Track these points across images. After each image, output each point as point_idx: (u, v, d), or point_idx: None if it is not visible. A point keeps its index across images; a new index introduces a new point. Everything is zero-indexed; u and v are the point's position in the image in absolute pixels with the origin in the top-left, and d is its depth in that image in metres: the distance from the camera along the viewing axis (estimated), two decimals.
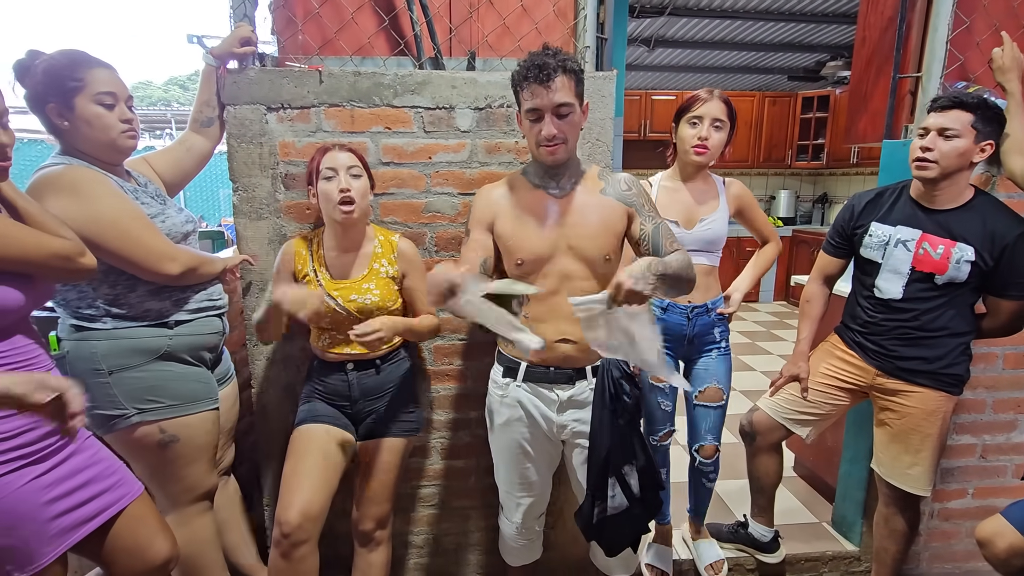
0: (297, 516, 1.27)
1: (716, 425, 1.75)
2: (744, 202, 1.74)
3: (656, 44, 5.15)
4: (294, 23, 1.54)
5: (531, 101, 1.16)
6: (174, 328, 1.29)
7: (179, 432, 1.29)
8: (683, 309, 1.68)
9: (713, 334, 1.71)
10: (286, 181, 1.51)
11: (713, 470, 1.82)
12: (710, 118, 1.58)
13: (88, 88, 1.16)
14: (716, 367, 1.72)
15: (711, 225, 1.65)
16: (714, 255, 1.70)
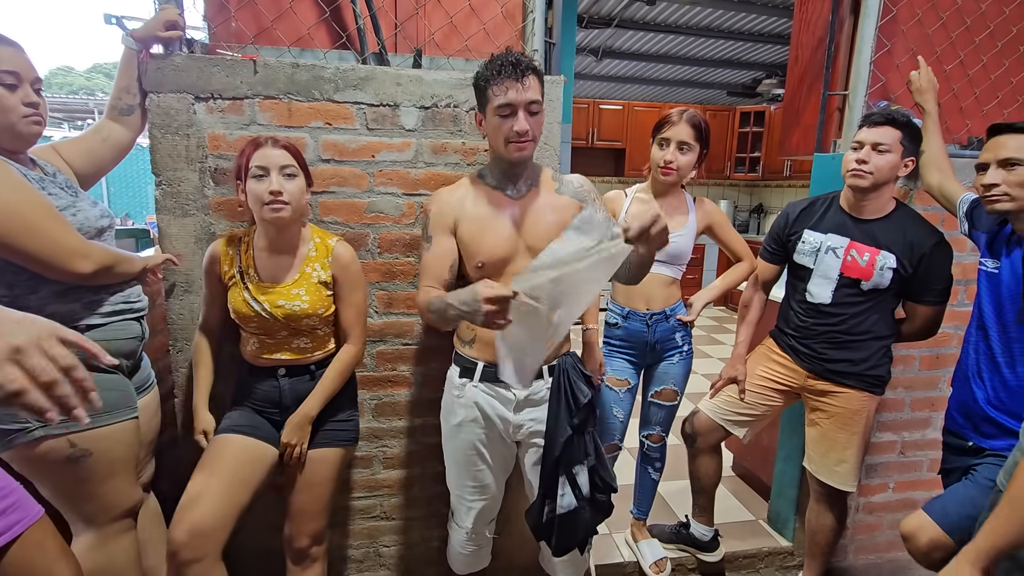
0: (184, 534, 1.17)
1: (666, 420, 1.84)
2: (714, 220, 1.78)
3: (604, 55, 5.26)
4: (227, 9, 1.45)
5: (504, 97, 1.16)
6: (85, 333, 1.18)
7: (92, 445, 1.18)
8: (643, 316, 1.72)
9: (675, 339, 1.76)
10: (216, 176, 1.41)
11: (659, 458, 1.89)
12: (676, 141, 1.62)
13: None
14: (675, 371, 1.79)
15: (677, 239, 1.68)
16: (676, 268, 1.74)
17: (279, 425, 1.35)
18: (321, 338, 1.36)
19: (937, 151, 1.59)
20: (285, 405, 1.34)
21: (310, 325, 1.31)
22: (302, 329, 1.31)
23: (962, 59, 1.84)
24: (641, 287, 1.69)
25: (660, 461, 1.90)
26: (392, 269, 1.56)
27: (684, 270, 1.78)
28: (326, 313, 1.33)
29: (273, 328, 1.29)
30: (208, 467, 1.25)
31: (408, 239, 1.55)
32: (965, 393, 1.40)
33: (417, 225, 1.55)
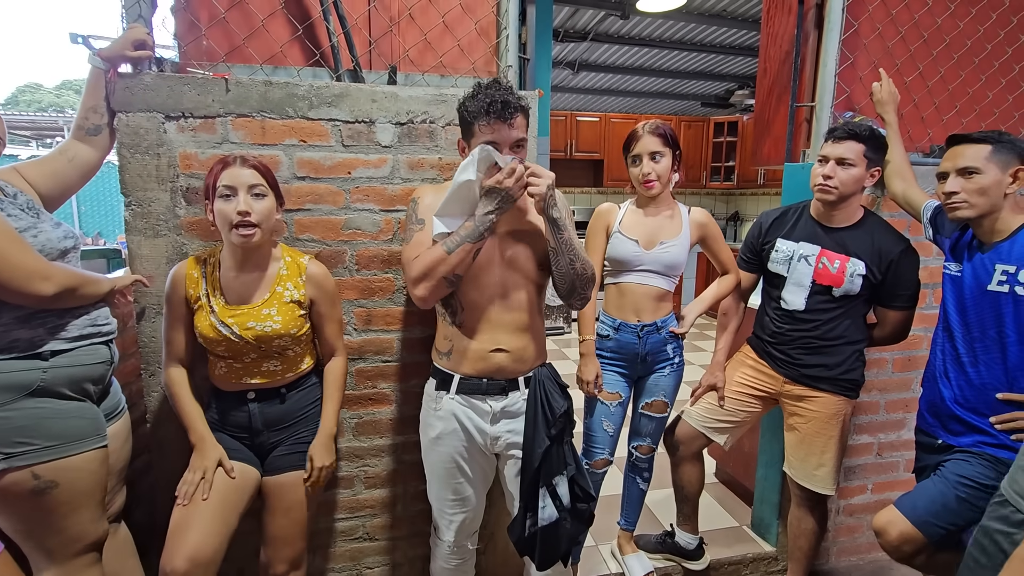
0: (184, 563, 1.14)
1: (656, 431, 1.83)
2: (707, 231, 1.77)
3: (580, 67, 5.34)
4: (197, 27, 1.44)
5: (491, 135, 1.19)
6: (50, 359, 1.14)
7: (57, 477, 1.14)
8: (633, 328, 1.70)
9: (666, 351, 1.74)
10: (187, 195, 1.39)
11: (648, 468, 1.88)
12: (647, 153, 1.63)
13: None
14: (666, 382, 1.77)
15: (670, 249, 1.68)
16: (670, 279, 1.72)
17: (253, 449, 1.33)
18: (292, 359, 1.34)
19: (900, 161, 1.64)
20: (256, 429, 1.32)
21: (281, 346, 1.29)
22: (272, 351, 1.29)
23: (921, 71, 1.91)
24: (632, 298, 1.70)
25: (648, 471, 1.89)
26: (371, 286, 1.55)
27: (677, 282, 1.77)
28: (299, 333, 1.31)
29: (242, 351, 1.26)
30: (195, 496, 1.21)
31: (386, 255, 1.54)
32: (933, 393, 1.44)
33: (395, 241, 1.54)
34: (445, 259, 1.19)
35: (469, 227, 1.19)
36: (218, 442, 1.29)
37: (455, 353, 1.33)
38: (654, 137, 1.64)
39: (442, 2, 1.59)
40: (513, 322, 1.31)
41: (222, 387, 1.32)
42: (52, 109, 14.43)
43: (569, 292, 1.31)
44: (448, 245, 1.19)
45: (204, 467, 1.24)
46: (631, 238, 1.69)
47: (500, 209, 1.19)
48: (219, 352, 1.27)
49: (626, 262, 1.70)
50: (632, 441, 1.86)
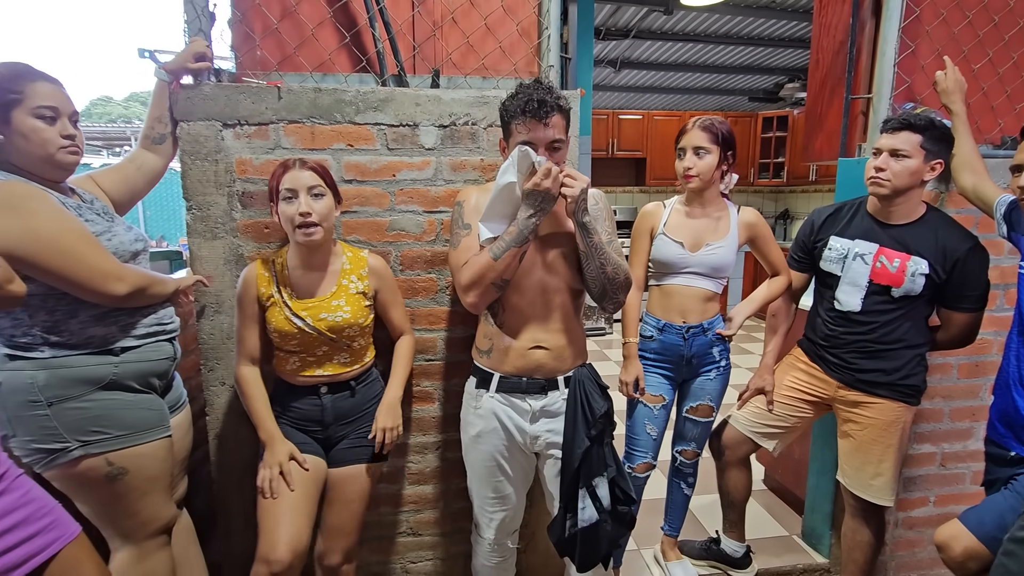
0: (288, 553, 1.20)
1: (701, 436, 1.79)
2: (756, 232, 1.71)
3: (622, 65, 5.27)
4: (252, 38, 1.51)
5: (527, 135, 1.20)
6: (120, 355, 1.22)
7: (128, 464, 1.21)
8: (678, 329, 1.67)
9: (712, 354, 1.71)
10: (243, 199, 1.46)
11: (692, 473, 1.84)
12: (691, 147, 1.61)
13: (27, 101, 1.10)
14: (712, 386, 1.73)
15: (717, 251, 1.64)
16: (717, 281, 1.68)
17: (321, 442, 1.38)
18: (358, 352, 1.39)
19: (969, 152, 1.54)
20: (327, 422, 1.37)
21: (350, 336, 1.34)
22: (342, 342, 1.34)
23: (991, 57, 1.79)
24: (678, 300, 1.67)
25: (693, 476, 1.85)
26: (414, 286, 1.58)
27: (725, 284, 1.72)
28: (365, 323, 1.36)
29: (314, 343, 1.32)
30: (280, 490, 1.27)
31: (429, 255, 1.57)
32: (1006, 401, 1.34)
33: (438, 242, 1.57)
34: (492, 265, 1.20)
35: (513, 232, 1.19)
36: (287, 437, 1.34)
37: (495, 351, 1.34)
38: (701, 132, 1.60)
39: (484, 5, 1.60)
40: (552, 322, 1.32)
41: (293, 382, 1.37)
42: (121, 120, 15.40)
43: (601, 295, 1.30)
44: (494, 251, 1.20)
45: (278, 462, 1.29)
46: (676, 240, 1.66)
47: (541, 211, 1.19)
48: (291, 346, 1.33)
49: (671, 264, 1.67)
50: (676, 445, 1.83)
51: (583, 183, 1.18)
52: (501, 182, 1.19)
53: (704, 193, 1.66)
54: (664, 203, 1.75)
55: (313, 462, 1.34)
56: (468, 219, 1.31)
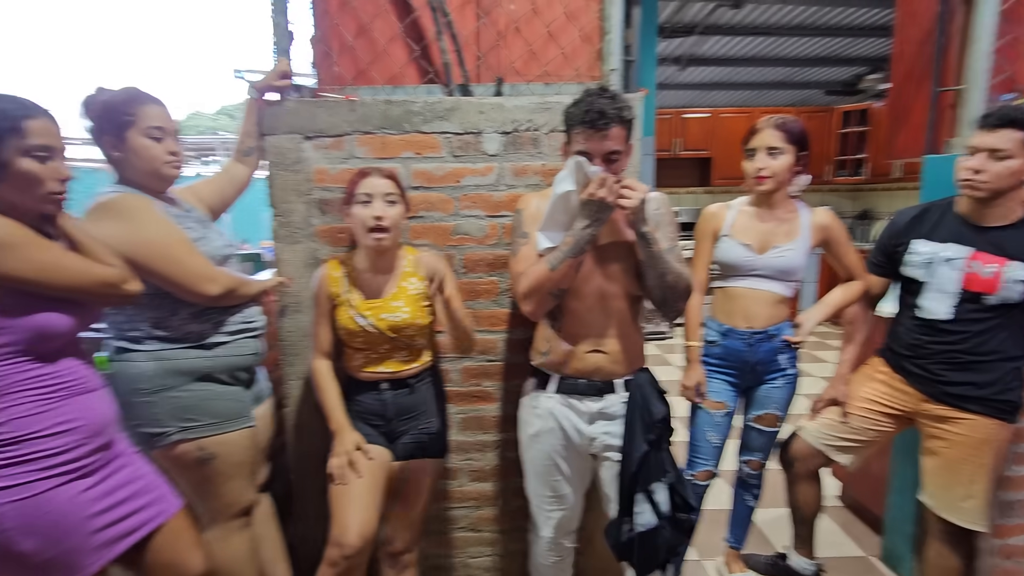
0: (357, 539, 1.27)
1: (766, 446, 1.74)
2: (830, 234, 1.62)
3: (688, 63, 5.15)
4: (330, 56, 1.61)
5: (583, 144, 1.21)
6: (213, 350, 1.34)
7: (216, 450, 1.33)
8: (743, 335, 1.62)
9: (779, 360, 1.64)
10: (321, 206, 1.56)
11: (757, 484, 1.79)
12: (764, 148, 1.56)
13: (139, 122, 1.24)
14: (778, 395, 1.67)
15: (785, 254, 1.58)
16: (785, 284, 1.62)
17: (385, 436, 1.45)
18: (417, 351, 1.45)
19: None
20: (388, 417, 1.44)
21: (409, 335, 1.40)
22: (402, 341, 1.40)
23: None
24: (743, 304, 1.63)
25: (758, 488, 1.79)
26: (476, 288, 1.63)
27: (796, 288, 1.65)
28: (424, 322, 1.41)
29: (377, 341, 1.39)
30: (350, 477, 1.35)
31: (491, 259, 1.61)
32: None
33: (500, 245, 1.61)
34: (549, 276, 1.22)
35: (570, 242, 1.20)
36: (355, 429, 1.42)
37: (553, 354, 1.36)
38: (775, 131, 1.55)
39: (546, 12, 1.63)
40: (611, 328, 1.32)
41: (358, 377, 1.45)
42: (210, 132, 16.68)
43: (661, 303, 1.30)
44: (551, 262, 1.21)
45: (346, 451, 1.37)
46: (743, 242, 1.61)
47: (597, 221, 1.19)
48: (357, 344, 1.41)
49: (736, 266, 1.62)
50: (741, 455, 1.77)
51: (641, 194, 1.17)
52: (558, 191, 1.21)
53: (774, 194, 1.60)
54: (728, 204, 1.70)
55: (378, 452, 1.41)
56: (527, 228, 1.33)
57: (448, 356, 1.66)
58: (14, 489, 0.91)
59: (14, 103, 0.95)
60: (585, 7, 1.63)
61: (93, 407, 1.02)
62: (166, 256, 1.24)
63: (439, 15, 1.56)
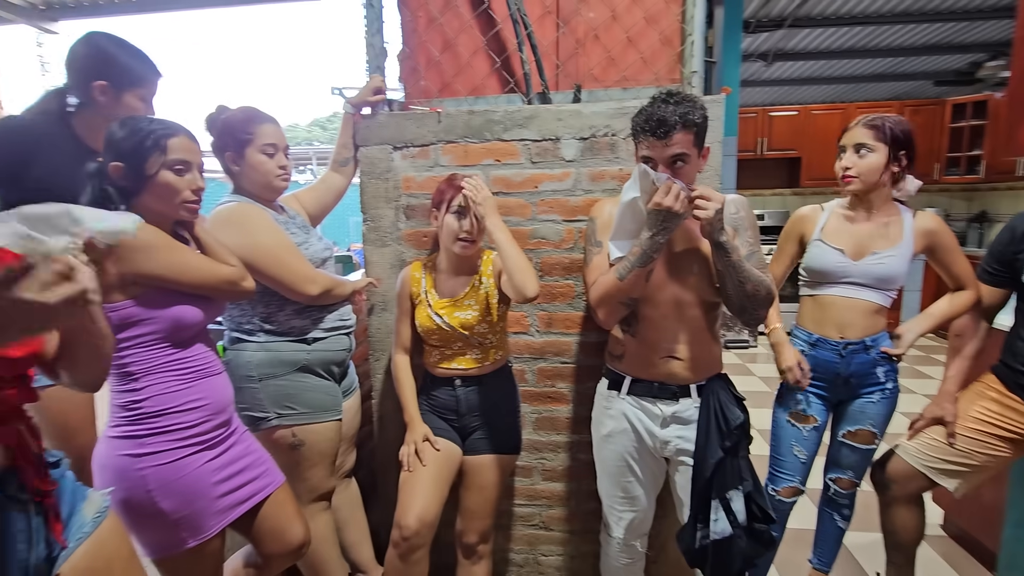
0: (415, 521, 1.36)
1: (859, 465, 1.62)
2: (936, 240, 1.51)
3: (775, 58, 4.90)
4: (418, 71, 1.71)
5: (646, 151, 1.20)
6: (312, 344, 1.47)
7: (306, 437, 1.46)
8: (835, 345, 1.54)
9: (875, 374, 1.54)
10: (407, 212, 1.67)
11: (848, 505, 1.68)
12: (852, 145, 1.49)
13: (256, 140, 1.40)
14: (874, 410, 1.57)
15: (885, 260, 1.49)
16: (883, 293, 1.52)
17: (457, 430, 1.52)
18: (488, 349, 1.50)
19: None
20: (461, 412, 1.51)
21: (481, 333, 1.46)
22: (474, 339, 1.47)
23: None
24: (835, 313, 1.54)
25: (848, 509, 1.68)
26: (552, 291, 1.66)
27: (894, 297, 1.54)
28: (493, 320, 1.47)
29: (451, 339, 1.47)
30: (416, 465, 1.45)
31: (567, 262, 1.64)
32: None
33: (576, 249, 1.63)
34: (618, 286, 1.23)
35: (637, 252, 1.20)
36: (428, 422, 1.51)
37: (627, 357, 1.37)
38: (865, 128, 1.47)
39: (626, 17, 1.64)
40: (686, 336, 1.31)
41: (434, 373, 1.54)
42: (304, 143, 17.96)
43: (740, 311, 1.27)
44: (620, 272, 1.22)
45: (414, 441, 1.47)
46: (836, 247, 1.53)
47: (665, 229, 1.16)
48: (433, 341, 1.50)
49: (828, 273, 1.54)
50: (829, 472, 1.67)
51: (716, 204, 1.14)
52: (625, 199, 1.21)
53: (870, 196, 1.51)
54: (822, 206, 1.62)
55: (446, 446, 1.48)
56: (600, 236, 1.35)
57: (523, 356, 1.70)
58: (158, 455, 1.06)
59: (159, 124, 1.10)
60: (665, 10, 1.62)
61: (218, 388, 1.16)
62: (275, 259, 1.38)
63: (520, 27, 1.62)
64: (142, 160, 1.07)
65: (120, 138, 1.07)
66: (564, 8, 1.66)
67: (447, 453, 1.48)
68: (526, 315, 1.68)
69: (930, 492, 1.59)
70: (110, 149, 1.07)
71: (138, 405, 1.07)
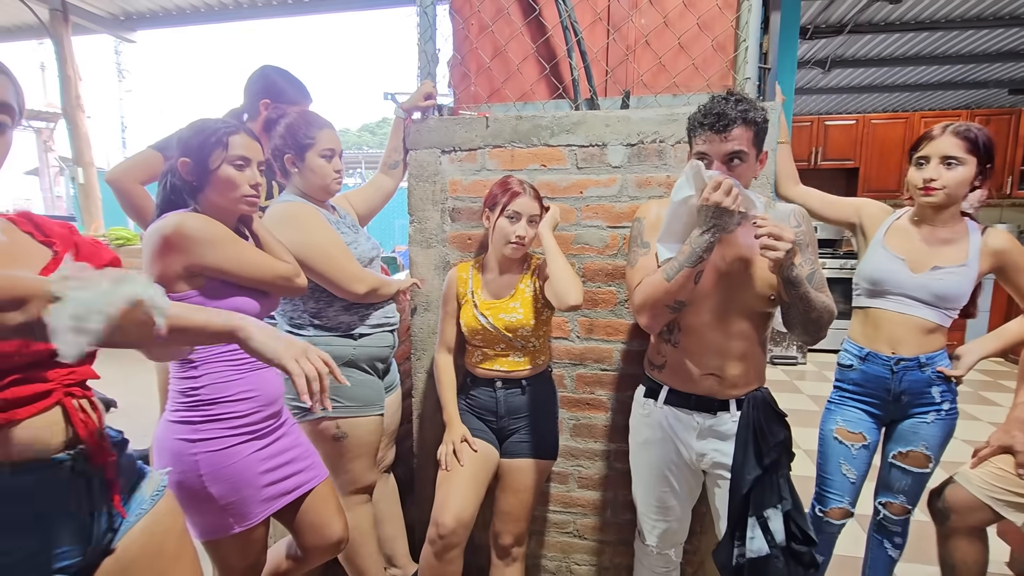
0: (452, 520, 1.38)
1: (913, 489, 1.54)
2: (1006, 260, 1.42)
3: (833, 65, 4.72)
4: (468, 77, 1.74)
5: (702, 147, 1.17)
6: (358, 340, 1.51)
7: (349, 430, 1.50)
8: (885, 361, 1.48)
9: (930, 393, 1.47)
10: (452, 215, 1.69)
11: (900, 533, 1.59)
12: (939, 156, 1.40)
13: (317, 145, 1.46)
14: (928, 431, 1.49)
15: (946, 277, 1.41)
16: (943, 312, 1.44)
17: (495, 432, 1.53)
18: (532, 353, 1.51)
19: None
20: (500, 414, 1.52)
21: (524, 336, 1.47)
22: (517, 341, 1.48)
23: None
24: (888, 328, 1.48)
25: (901, 536, 1.59)
26: (595, 297, 1.65)
27: (954, 317, 1.46)
28: (537, 324, 1.47)
29: (495, 340, 1.48)
30: (454, 465, 1.47)
31: (611, 269, 1.63)
32: None
33: (619, 256, 1.62)
34: (666, 287, 1.19)
35: (686, 251, 1.16)
36: (466, 423, 1.53)
37: (667, 368, 1.34)
38: (955, 139, 1.38)
39: (678, 24, 1.62)
40: (731, 349, 1.27)
41: (475, 373, 1.56)
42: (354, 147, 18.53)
43: (803, 335, 1.24)
44: (668, 272, 1.18)
45: (452, 441, 1.49)
46: (898, 255, 1.47)
47: (716, 227, 1.12)
48: (477, 341, 1.51)
49: (884, 282, 1.47)
50: (880, 496, 1.59)
51: (788, 243, 1.07)
52: (675, 199, 1.17)
53: (943, 210, 1.43)
54: (892, 210, 1.56)
55: (483, 447, 1.49)
56: (647, 237, 1.32)
57: (562, 362, 1.70)
58: (210, 441, 1.12)
59: (220, 123, 1.16)
60: (719, 16, 1.59)
61: (269, 380, 1.21)
62: (326, 257, 1.43)
63: (571, 33, 1.63)
64: (206, 155, 1.13)
65: (188, 136, 1.14)
66: (615, 15, 1.65)
67: (484, 454, 1.49)
68: (567, 320, 1.68)
69: (995, 526, 1.49)
70: (180, 147, 1.14)
71: (195, 392, 1.13)
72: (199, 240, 1.09)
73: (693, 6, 1.60)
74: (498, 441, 1.54)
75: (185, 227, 1.08)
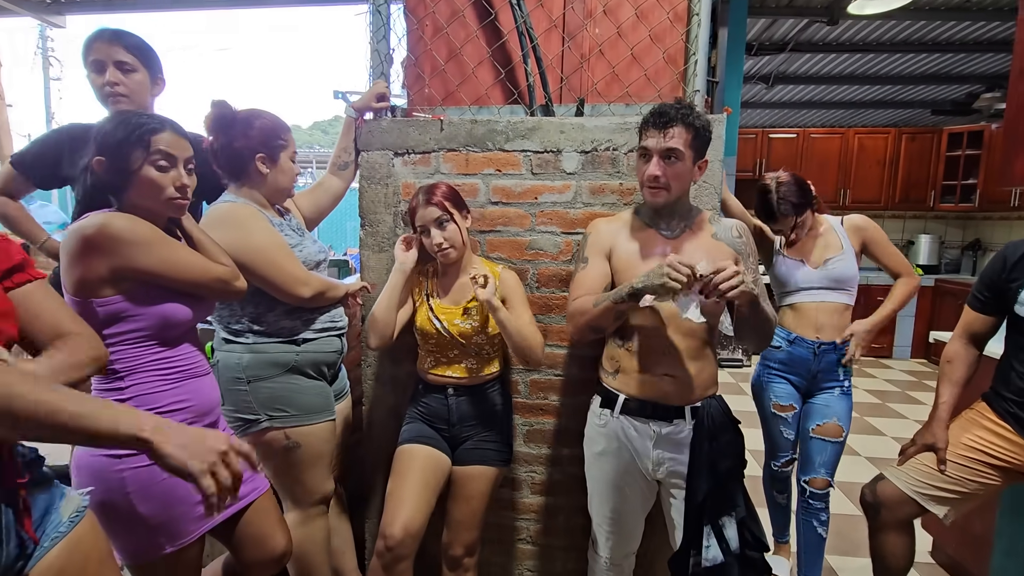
0: (400, 531, 1.34)
1: (831, 460, 1.76)
2: (868, 235, 1.78)
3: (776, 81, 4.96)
4: (422, 79, 1.72)
5: (645, 141, 1.25)
6: (301, 345, 1.45)
7: (301, 439, 1.43)
8: (810, 344, 1.76)
9: (837, 372, 1.76)
10: (405, 218, 1.66)
11: (824, 508, 1.78)
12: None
13: (289, 147, 1.44)
14: (838, 404, 1.76)
15: (837, 263, 1.74)
16: (847, 293, 1.76)
17: (447, 440, 1.51)
18: (485, 360, 1.49)
19: None
20: (452, 422, 1.49)
21: (478, 343, 1.46)
22: (471, 347, 1.46)
23: None
24: (812, 316, 1.77)
25: (825, 512, 1.76)
26: (548, 303, 1.66)
27: (854, 295, 1.78)
28: (492, 332, 1.47)
29: (448, 346, 1.46)
30: (402, 474, 1.43)
31: (564, 275, 1.64)
32: None
33: (573, 262, 1.63)
34: (588, 311, 1.26)
35: (616, 292, 1.22)
36: (418, 430, 1.50)
37: (621, 374, 1.36)
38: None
39: (631, 35, 1.65)
40: (683, 351, 1.30)
41: (426, 379, 1.53)
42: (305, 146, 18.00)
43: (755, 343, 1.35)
44: (597, 299, 1.25)
45: None
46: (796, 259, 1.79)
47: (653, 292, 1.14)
48: (429, 346, 1.49)
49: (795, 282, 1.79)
50: (803, 474, 1.79)
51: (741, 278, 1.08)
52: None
53: None
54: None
55: (439, 457, 1.47)
56: (587, 252, 1.37)
57: (516, 368, 1.69)
58: (138, 457, 1.04)
59: (146, 119, 1.07)
60: (671, 29, 1.64)
61: (204, 390, 1.15)
62: (268, 261, 1.36)
63: (526, 40, 1.63)
64: (124, 155, 1.04)
65: (107, 131, 1.05)
66: (570, 23, 1.67)
67: (436, 462, 1.46)
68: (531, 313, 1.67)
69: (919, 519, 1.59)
70: (97, 142, 1.05)
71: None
72: (126, 241, 1.01)
73: (645, 18, 1.63)
74: (450, 449, 1.51)
75: (110, 227, 1.00)
